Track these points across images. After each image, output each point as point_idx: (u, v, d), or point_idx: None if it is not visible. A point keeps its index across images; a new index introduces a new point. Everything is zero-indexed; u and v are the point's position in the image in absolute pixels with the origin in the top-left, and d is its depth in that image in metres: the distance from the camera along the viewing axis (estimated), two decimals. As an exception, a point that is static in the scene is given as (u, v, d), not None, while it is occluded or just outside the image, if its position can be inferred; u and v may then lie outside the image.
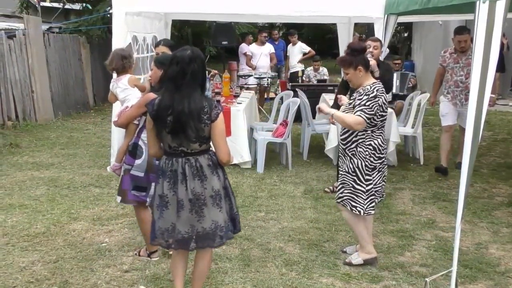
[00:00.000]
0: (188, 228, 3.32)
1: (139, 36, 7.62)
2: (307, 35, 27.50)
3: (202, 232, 3.32)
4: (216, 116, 3.25)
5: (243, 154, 7.20)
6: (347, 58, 4.14)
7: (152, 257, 4.38)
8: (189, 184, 3.26)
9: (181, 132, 3.21)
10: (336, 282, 4.04)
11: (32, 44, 10.52)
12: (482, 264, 4.34)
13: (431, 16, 9.83)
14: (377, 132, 4.08)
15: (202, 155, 3.30)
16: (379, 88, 4.06)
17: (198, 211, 3.29)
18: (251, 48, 11.80)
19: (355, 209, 4.15)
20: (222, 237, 3.36)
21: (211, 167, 3.31)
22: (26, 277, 4.06)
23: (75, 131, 10.05)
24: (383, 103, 4.02)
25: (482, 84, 3.40)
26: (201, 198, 3.28)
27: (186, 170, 3.26)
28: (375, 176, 4.11)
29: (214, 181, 3.30)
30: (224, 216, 3.36)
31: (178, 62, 3.23)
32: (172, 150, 3.30)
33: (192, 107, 3.18)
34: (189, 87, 3.21)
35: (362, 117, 3.97)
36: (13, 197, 5.95)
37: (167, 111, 3.20)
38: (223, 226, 3.35)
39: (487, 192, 6.31)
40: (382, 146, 4.12)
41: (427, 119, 11.14)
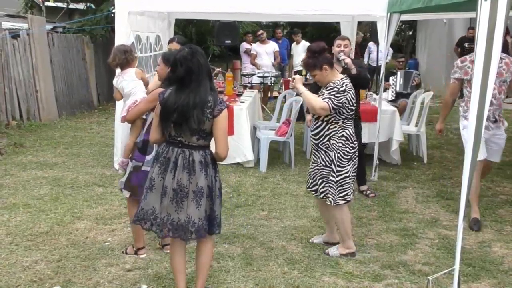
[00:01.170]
0: (165, 215, 3.41)
1: (142, 36, 7.65)
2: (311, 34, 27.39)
3: (177, 222, 3.40)
4: (219, 112, 3.32)
5: (246, 153, 7.20)
6: (310, 61, 4.28)
7: (139, 254, 4.41)
8: (177, 174, 3.36)
9: (184, 123, 3.31)
10: (338, 280, 4.03)
11: (36, 43, 10.55)
12: (486, 262, 4.33)
13: (435, 14, 9.80)
14: (347, 122, 4.27)
15: (197, 151, 3.39)
16: (348, 83, 4.26)
17: (178, 201, 3.39)
18: (255, 46, 11.81)
19: (342, 198, 4.33)
20: (192, 233, 3.41)
21: (202, 164, 3.39)
22: (29, 276, 4.07)
23: (79, 130, 10.08)
24: (351, 98, 4.22)
25: (484, 83, 3.38)
26: (185, 190, 3.36)
27: (178, 161, 3.37)
28: (349, 166, 4.28)
29: (200, 177, 3.38)
30: (200, 214, 3.40)
31: (182, 63, 3.32)
32: (172, 139, 3.41)
33: (196, 100, 3.27)
34: (197, 81, 3.30)
35: (329, 104, 4.14)
36: (17, 196, 5.98)
37: (173, 107, 3.30)
38: (196, 222, 3.39)
39: (491, 190, 6.29)
40: (353, 136, 4.32)
41: (431, 118, 11.09)
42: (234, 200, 5.85)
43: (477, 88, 3.42)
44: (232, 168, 7.11)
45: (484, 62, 3.37)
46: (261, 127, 7.89)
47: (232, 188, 6.27)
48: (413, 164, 7.43)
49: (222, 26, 11.24)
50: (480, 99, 3.40)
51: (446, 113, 5.71)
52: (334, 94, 4.17)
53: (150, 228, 3.52)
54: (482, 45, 3.37)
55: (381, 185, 6.42)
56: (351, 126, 4.30)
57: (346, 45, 5.82)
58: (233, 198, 5.92)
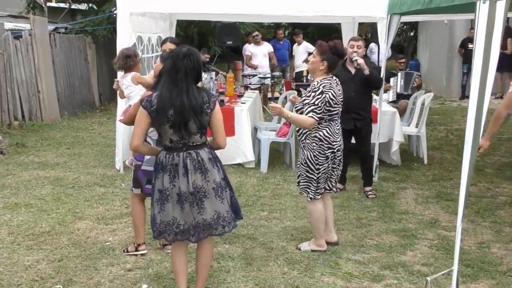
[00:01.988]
0: (190, 219, 3.41)
1: (144, 36, 7.67)
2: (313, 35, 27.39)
3: (203, 223, 3.41)
4: (214, 105, 3.38)
5: (247, 153, 7.23)
6: (325, 48, 4.38)
7: (139, 249, 4.46)
8: (191, 177, 3.34)
9: (183, 126, 3.29)
10: (337, 281, 4.06)
11: (38, 44, 10.59)
12: (484, 263, 4.35)
13: (436, 16, 9.81)
14: (323, 124, 4.32)
15: (202, 149, 3.41)
16: (326, 84, 4.31)
17: (198, 203, 3.38)
18: (250, 48, 11.85)
19: (306, 194, 4.48)
20: (224, 227, 3.47)
21: (211, 160, 3.42)
22: (30, 275, 4.10)
23: (81, 130, 10.12)
24: (330, 98, 4.27)
25: (482, 85, 3.40)
26: (202, 190, 3.36)
27: (187, 164, 3.34)
28: (327, 164, 4.39)
29: (215, 173, 3.41)
30: (226, 207, 3.46)
31: (172, 57, 3.34)
32: (174, 144, 3.37)
33: (193, 103, 3.27)
34: (184, 82, 3.29)
35: (314, 118, 4.25)
36: (19, 196, 6.01)
37: (169, 105, 3.27)
38: (226, 216, 3.46)
39: (490, 191, 6.31)
40: (331, 137, 4.36)
41: (432, 119, 11.13)
42: (234, 200, 5.87)
43: (475, 90, 3.44)
44: (232, 169, 7.13)
45: (483, 64, 3.39)
46: (262, 127, 7.92)
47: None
48: (413, 165, 7.44)
49: (223, 27, 11.27)
50: (479, 100, 3.42)
51: (496, 128, 5.11)
52: (314, 101, 4.24)
53: (175, 239, 3.48)
54: (481, 47, 3.40)
55: (381, 186, 6.44)
56: (326, 127, 4.35)
57: (360, 46, 5.90)
58: (234, 198, 5.93)
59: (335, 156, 4.43)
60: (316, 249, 4.53)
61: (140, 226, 4.42)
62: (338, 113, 4.43)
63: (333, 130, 4.39)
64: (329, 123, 4.36)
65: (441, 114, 12.04)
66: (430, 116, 10.12)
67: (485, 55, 3.37)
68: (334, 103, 4.32)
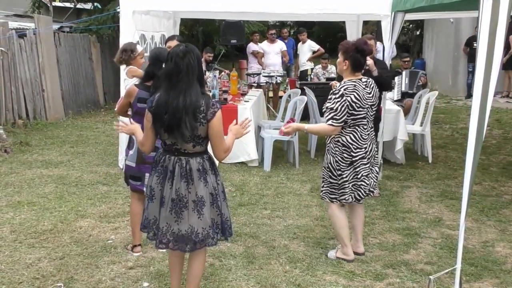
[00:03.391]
0: (164, 225, 3.31)
1: (147, 35, 7.66)
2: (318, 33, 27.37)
3: (177, 233, 3.28)
4: (212, 115, 3.19)
5: (250, 152, 7.21)
6: (347, 47, 4.21)
7: (134, 251, 4.46)
8: (175, 183, 3.24)
9: (176, 129, 3.18)
10: (339, 279, 4.03)
11: (43, 43, 10.60)
12: (488, 262, 4.31)
13: (442, 14, 9.75)
14: (347, 129, 4.12)
15: (194, 158, 3.26)
16: (349, 86, 4.09)
17: (177, 211, 3.26)
18: (263, 46, 11.82)
19: (339, 200, 4.27)
20: (195, 243, 3.30)
21: (200, 171, 3.26)
22: (32, 273, 4.10)
23: (85, 129, 10.13)
24: (353, 101, 4.04)
25: (486, 82, 3.36)
26: (183, 200, 3.25)
27: (175, 169, 3.25)
28: (349, 171, 4.15)
29: (199, 186, 3.25)
30: (203, 223, 3.28)
31: (172, 57, 3.19)
32: (167, 147, 3.30)
33: (187, 103, 3.14)
34: (185, 83, 3.17)
35: (334, 125, 4.07)
36: (22, 194, 6.01)
37: (164, 108, 3.18)
38: (200, 232, 3.27)
39: (495, 190, 6.26)
40: (354, 144, 4.13)
41: (437, 117, 11.09)
42: (237, 199, 5.85)
43: (479, 88, 3.40)
44: (236, 167, 7.12)
45: (486, 61, 3.35)
46: (265, 126, 7.90)
47: (236, 187, 6.28)
48: (418, 164, 7.40)
49: (228, 26, 11.24)
50: (482, 98, 3.38)
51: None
52: (332, 106, 4.05)
53: (153, 238, 3.42)
54: (484, 44, 3.36)
55: (385, 185, 6.41)
56: (351, 133, 4.12)
57: (371, 45, 5.79)
58: (237, 197, 5.92)
59: (362, 163, 4.16)
60: (342, 257, 4.33)
61: (136, 227, 4.34)
62: (367, 117, 4.17)
63: (358, 136, 4.14)
64: (355, 128, 4.12)
65: (446, 113, 11.99)
66: (435, 115, 10.09)
67: (489, 53, 3.33)
68: (358, 107, 4.06)
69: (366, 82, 4.20)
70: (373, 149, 4.28)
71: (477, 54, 3.43)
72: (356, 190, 4.21)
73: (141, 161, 4.19)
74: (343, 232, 4.32)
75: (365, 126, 4.18)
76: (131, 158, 4.25)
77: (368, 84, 4.20)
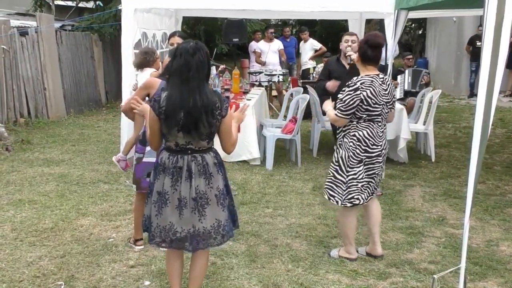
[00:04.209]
0: (188, 227, 3.21)
1: (149, 33, 7.63)
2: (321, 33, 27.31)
3: (203, 231, 3.22)
4: (226, 111, 3.19)
5: (252, 150, 7.18)
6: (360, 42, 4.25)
7: (136, 245, 4.45)
8: (194, 182, 3.16)
9: (193, 129, 3.10)
10: (342, 278, 3.99)
11: (45, 41, 10.58)
12: (493, 261, 4.28)
13: (444, 12, 9.71)
14: (362, 123, 4.05)
15: (208, 153, 3.23)
16: (366, 81, 4.03)
17: (200, 210, 3.20)
18: (260, 45, 11.77)
19: (333, 198, 4.18)
20: (223, 236, 3.29)
21: (216, 165, 3.24)
22: (32, 271, 4.07)
23: (86, 128, 10.11)
24: (368, 97, 3.98)
25: (491, 80, 3.32)
26: (205, 197, 3.20)
27: (192, 168, 3.16)
28: (359, 169, 4.07)
29: (219, 179, 3.25)
30: (226, 215, 3.30)
31: (182, 53, 3.11)
32: (179, 147, 3.18)
33: (205, 102, 3.08)
34: (196, 80, 3.09)
35: (338, 115, 4.07)
36: (23, 192, 5.99)
37: (179, 108, 3.08)
38: (225, 225, 3.28)
39: (499, 189, 6.22)
40: (370, 140, 4.05)
41: (440, 116, 11.04)
42: (239, 197, 5.82)
43: (483, 85, 3.36)
44: (238, 166, 7.09)
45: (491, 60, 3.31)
46: (268, 124, 7.86)
47: (238, 186, 6.25)
48: (421, 163, 7.36)
49: (230, 24, 11.22)
50: (487, 97, 3.34)
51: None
52: (342, 97, 4.02)
53: (170, 246, 3.30)
54: (489, 42, 3.32)
55: (388, 183, 6.37)
56: (367, 128, 4.04)
57: (354, 40, 5.85)
58: (239, 195, 5.89)
59: (372, 162, 4.09)
60: (344, 255, 4.28)
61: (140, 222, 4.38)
62: (382, 115, 4.08)
63: (375, 133, 4.06)
64: (370, 123, 4.05)
65: (449, 112, 11.94)
66: (438, 114, 10.03)
67: (494, 51, 3.29)
68: (374, 103, 3.99)
69: (383, 79, 4.12)
70: (386, 147, 4.22)
71: (482, 52, 3.39)
72: (365, 190, 4.13)
73: None
74: (351, 233, 4.27)
75: (380, 124, 4.11)
76: (150, 154, 3.97)
77: (385, 81, 4.13)
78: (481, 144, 3.38)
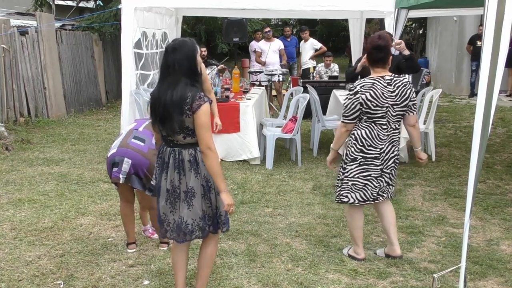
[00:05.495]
0: (162, 215, 3.42)
1: (149, 32, 7.63)
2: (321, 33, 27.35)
3: (173, 223, 3.38)
4: (197, 107, 3.16)
5: (252, 150, 7.17)
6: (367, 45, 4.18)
7: (128, 248, 4.46)
8: (170, 174, 3.31)
9: (167, 122, 3.24)
10: (342, 277, 3.98)
11: (45, 41, 10.57)
12: (493, 260, 4.26)
13: (445, 11, 9.70)
14: (363, 123, 4.02)
15: (186, 149, 3.29)
16: (366, 84, 3.96)
17: (172, 202, 3.35)
18: (260, 44, 11.76)
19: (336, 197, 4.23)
20: (185, 234, 3.35)
21: (191, 162, 3.28)
22: (31, 271, 4.06)
23: (87, 127, 10.10)
24: (368, 99, 3.91)
25: (491, 79, 3.31)
26: (177, 191, 3.32)
27: (170, 161, 3.31)
28: (351, 168, 4.07)
29: (190, 177, 3.28)
30: (193, 215, 3.32)
31: (164, 52, 3.31)
32: (163, 138, 3.38)
33: (173, 98, 3.19)
34: (172, 77, 3.23)
35: (343, 122, 4.05)
36: (23, 192, 5.98)
37: (157, 102, 3.28)
38: (189, 223, 3.33)
39: (500, 188, 6.20)
40: (366, 140, 4.00)
41: (441, 116, 11.04)
42: (239, 196, 5.81)
43: (483, 86, 3.35)
44: (238, 165, 7.09)
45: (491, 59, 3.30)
46: (268, 124, 7.86)
47: (238, 185, 6.24)
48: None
49: (231, 24, 11.20)
50: (487, 97, 3.33)
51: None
52: (345, 102, 4.03)
53: (164, 236, 3.50)
54: (490, 41, 3.31)
55: (388, 183, 6.35)
56: (366, 128, 3.98)
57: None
58: (238, 194, 5.88)
59: (367, 163, 4.02)
60: (352, 255, 4.28)
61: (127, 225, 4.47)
62: (386, 117, 3.96)
63: (374, 134, 3.98)
64: (370, 124, 3.98)
65: (450, 112, 11.92)
66: (438, 114, 10.03)
67: (494, 51, 3.28)
68: (375, 105, 3.90)
69: (390, 80, 3.98)
70: (391, 152, 4.07)
71: (482, 51, 3.38)
72: (358, 191, 4.09)
73: (122, 145, 4.16)
74: (356, 233, 4.25)
75: (384, 126, 3.99)
76: (113, 147, 4.21)
77: (392, 82, 3.98)
78: (481, 144, 3.37)
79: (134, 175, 4.08)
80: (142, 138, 4.13)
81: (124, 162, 4.05)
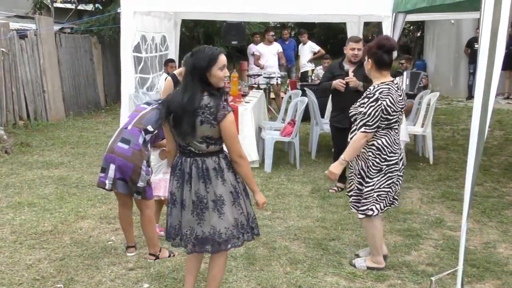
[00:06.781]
0: (187, 229, 3.30)
1: (148, 36, 7.66)
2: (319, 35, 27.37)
3: (201, 236, 3.27)
4: (222, 117, 3.13)
5: (251, 153, 7.18)
6: (368, 46, 4.04)
7: (128, 252, 4.48)
8: (194, 185, 3.23)
9: (178, 127, 3.20)
10: (340, 280, 4.01)
11: (44, 44, 10.60)
12: (490, 263, 4.29)
13: (443, 15, 9.75)
14: (381, 132, 3.91)
15: (209, 157, 3.23)
16: (383, 90, 3.87)
17: (199, 213, 3.25)
18: (259, 47, 11.78)
19: (362, 212, 4.07)
20: (220, 244, 3.27)
21: (216, 170, 3.23)
22: (32, 274, 4.08)
23: (86, 130, 10.12)
24: (388, 105, 3.83)
25: (488, 82, 3.34)
26: (203, 201, 3.23)
27: (192, 171, 3.23)
28: (378, 178, 3.97)
29: (218, 185, 3.23)
30: (226, 223, 3.26)
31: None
32: (182, 149, 3.29)
33: (184, 101, 3.14)
34: (190, 84, 3.19)
35: (367, 132, 3.87)
36: (22, 195, 6.00)
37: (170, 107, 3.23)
38: (223, 233, 3.26)
39: (497, 191, 6.24)
40: (388, 148, 3.93)
41: (439, 118, 11.08)
42: (238, 200, 5.83)
43: (480, 88, 3.38)
44: (237, 168, 7.10)
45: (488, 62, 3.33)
46: (266, 127, 7.88)
47: (237, 188, 6.26)
48: (419, 165, 7.38)
49: (229, 27, 11.22)
50: (484, 99, 3.36)
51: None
52: (366, 111, 3.85)
53: (178, 245, 3.41)
54: (486, 43, 3.34)
55: (386, 186, 6.38)
56: (385, 136, 3.92)
57: (360, 48, 5.69)
58: (237, 198, 5.90)
59: (391, 170, 3.96)
60: (372, 266, 4.16)
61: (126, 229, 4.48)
62: (398, 121, 3.97)
63: (392, 140, 3.94)
64: (388, 131, 3.92)
65: (447, 114, 11.97)
66: (436, 116, 10.06)
67: (490, 54, 3.31)
68: (393, 111, 3.85)
69: (398, 84, 3.99)
70: (402, 157, 4.10)
71: (478, 55, 3.41)
72: (382, 200, 4.01)
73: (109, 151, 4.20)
74: (378, 242, 4.15)
75: (397, 131, 4.01)
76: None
77: (399, 87, 4.00)
78: (478, 146, 3.40)
79: (119, 180, 4.10)
80: (127, 140, 4.13)
81: (109, 169, 4.10)
